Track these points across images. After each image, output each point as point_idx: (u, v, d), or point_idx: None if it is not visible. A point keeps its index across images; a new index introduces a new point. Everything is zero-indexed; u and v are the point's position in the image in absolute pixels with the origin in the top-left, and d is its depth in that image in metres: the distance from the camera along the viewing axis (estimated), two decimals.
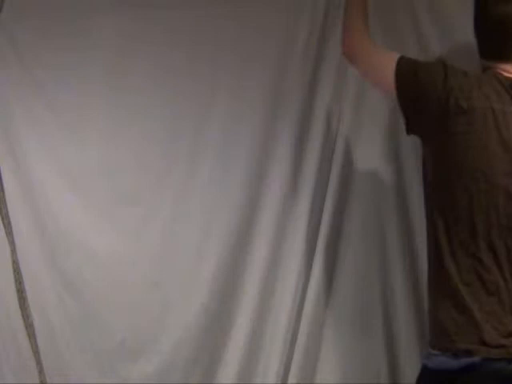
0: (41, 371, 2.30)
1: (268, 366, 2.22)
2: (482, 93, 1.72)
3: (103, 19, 2.23)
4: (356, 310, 2.21)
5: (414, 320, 2.15)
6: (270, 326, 2.24)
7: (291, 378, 2.19)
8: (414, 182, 2.11)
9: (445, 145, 1.74)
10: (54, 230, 2.31)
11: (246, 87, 2.23)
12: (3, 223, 2.31)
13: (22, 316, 2.31)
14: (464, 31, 1.92)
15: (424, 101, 1.75)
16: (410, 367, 2.15)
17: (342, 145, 2.19)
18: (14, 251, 2.31)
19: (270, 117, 2.23)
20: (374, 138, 2.20)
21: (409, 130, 1.81)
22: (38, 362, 2.31)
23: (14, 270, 2.31)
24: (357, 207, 2.21)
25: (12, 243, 2.31)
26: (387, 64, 1.80)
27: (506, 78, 1.75)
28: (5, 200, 2.29)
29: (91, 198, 2.30)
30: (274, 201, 2.24)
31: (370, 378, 2.20)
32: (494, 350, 1.67)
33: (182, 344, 2.27)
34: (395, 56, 1.81)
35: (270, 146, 2.24)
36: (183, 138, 2.27)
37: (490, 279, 1.70)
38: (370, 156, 2.20)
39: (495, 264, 1.70)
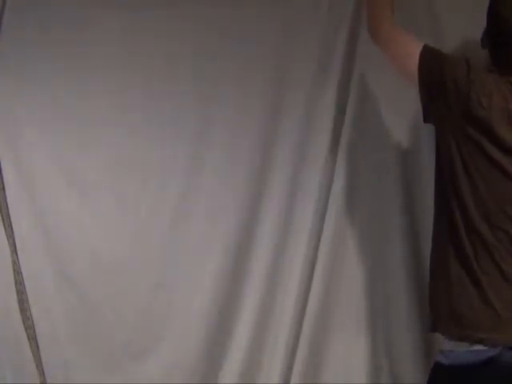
0: (41, 372, 2.30)
1: (271, 367, 2.22)
2: (500, 93, 1.74)
3: (104, 15, 2.24)
4: (357, 311, 2.20)
5: (416, 320, 2.14)
6: (273, 326, 2.23)
7: (294, 378, 2.19)
8: (420, 183, 2.11)
9: (463, 136, 1.75)
10: (56, 231, 2.31)
11: (249, 86, 2.22)
12: (4, 224, 2.31)
13: (22, 317, 2.31)
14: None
15: (444, 91, 1.77)
16: (410, 367, 2.15)
17: (345, 145, 2.18)
18: (14, 252, 2.31)
19: (274, 116, 2.22)
20: (378, 135, 2.19)
21: (425, 118, 1.83)
22: (39, 363, 2.31)
23: (14, 271, 2.31)
24: (360, 209, 2.20)
25: (12, 244, 2.31)
26: (412, 52, 1.82)
27: None
28: (6, 200, 2.30)
29: (94, 199, 2.30)
30: (277, 204, 2.23)
31: (371, 377, 2.19)
32: None
33: (185, 345, 2.26)
34: (421, 44, 1.83)
35: (273, 148, 2.23)
36: (186, 139, 2.26)
37: (506, 268, 1.71)
38: (375, 156, 2.19)
39: (511, 253, 1.72)
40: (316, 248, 2.19)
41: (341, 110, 2.18)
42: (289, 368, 2.20)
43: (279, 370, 2.20)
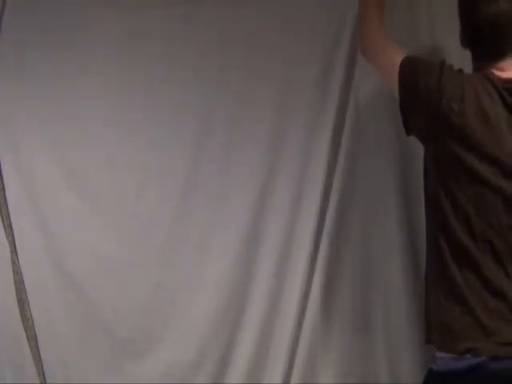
0: (40, 372, 2.30)
1: (274, 367, 2.22)
2: (475, 94, 1.72)
3: (104, 15, 2.23)
4: (357, 312, 2.20)
5: (415, 321, 2.15)
6: (274, 327, 2.23)
7: (294, 379, 2.19)
8: (420, 186, 2.10)
9: (441, 146, 1.74)
10: (55, 231, 2.31)
11: (251, 88, 2.22)
12: (3, 224, 2.31)
13: (22, 317, 2.31)
14: None
15: (419, 102, 1.76)
16: (409, 368, 2.15)
17: (346, 147, 2.18)
18: (14, 252, 2.31)
19: (274, 116, 2.22)
20: (379, 136, 2.18)
21: (407, 131, 1.82)
22: (38, 363, 2.31)
23: (14, 271, 2.31)
24: (358, 212, 2.19)
25: (12, 244, 2.31)
26: (395, 64, 1.81)
27: (499, 78, 1.74)
28: (5, 200, 2.29)
29: (94, 199, 2.29)
30: (280, 203, 2.22)
31: (371, 378, 2.20)
32: (500, 349, 1.67)
33: (185, 345, 2.26)
34: (402, 56, 1.82)
35: (276, 150, 2.22)
36: (186, 139, 2.25)
37: (492, 278, 1.70)
38: (374, 162, 2.19)
39: (496, 263, 1.71)
40: (317, 248, 2.19)
41: (342, 111, 2.18)
42: (290, 368, 2.20)
43: (281, 371, 2.20)
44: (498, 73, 1.76)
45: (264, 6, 2.20)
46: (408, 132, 1.82)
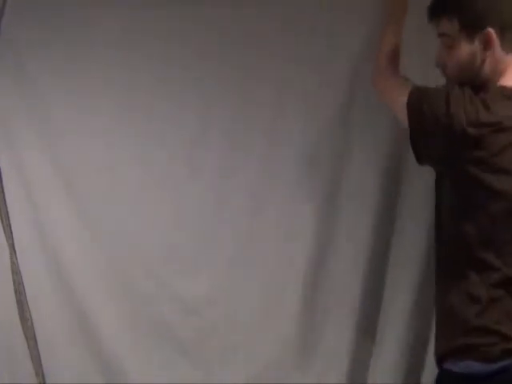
0: (39, 373, 2.29)
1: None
2: (491, 113, 1.67)
3: (104, 15, 2.22)
4: (358, 313, 2.22)
5: (416, 321, 2.15)
6: (274, 328, 2.24)
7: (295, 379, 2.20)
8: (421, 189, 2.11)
9: (460, 173, 1.69)
10: (54, 232, 2.29)
11: (251, 88, 2.23)
12: (2, 225, 2.30)
13: (21, 318, 2.30)
14: None
15: (431, 135, 1.72)
16: (410, 368, 2.16)
17: (346, 147, 2.19)
18: (13, 252, 2.30)
19: (274, 116, 2.23)
20: (382, 135, 2.20)
21: (421, 163, 1.78)
22: (37, 364, 2.30)
23: (13, 271, 2.30)
24: (360, 213, 2.21)
25: (11, 245, 2.30)
26: (404, 101, 1.77)
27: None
28: (5, 200, 2.29)
29: (94, 199, 2.28)
30: (279, 204, 2.23)
31: (371, 378, 2.20)
32: None
33: (184, 346, 2.27)
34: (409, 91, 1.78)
35: (276, 150, 2.23)
36: (186, 139, 2.26)
37: None
38: (375, 162, 2.20)
39: None
40: (317, 251, 2.20)
41: (342, 111, 2.18)
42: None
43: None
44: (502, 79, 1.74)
45: (264, 5, 2.21)
46: (420, 162, 1.77)
